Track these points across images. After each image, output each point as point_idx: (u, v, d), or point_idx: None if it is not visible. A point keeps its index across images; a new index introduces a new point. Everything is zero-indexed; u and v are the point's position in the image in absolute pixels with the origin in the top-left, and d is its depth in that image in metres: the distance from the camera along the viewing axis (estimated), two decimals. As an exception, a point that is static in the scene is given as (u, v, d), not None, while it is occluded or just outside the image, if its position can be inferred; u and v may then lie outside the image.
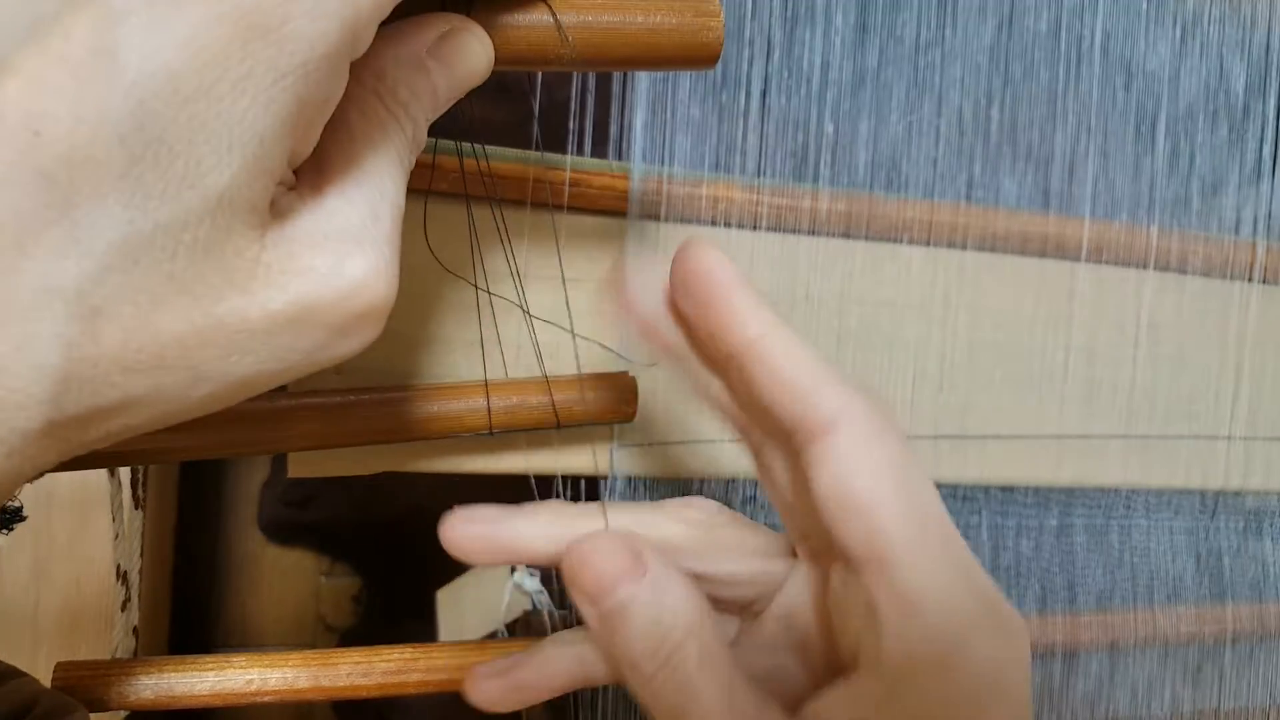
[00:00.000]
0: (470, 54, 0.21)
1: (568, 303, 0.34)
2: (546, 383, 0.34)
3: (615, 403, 0.34)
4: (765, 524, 0.28)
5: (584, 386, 0.34)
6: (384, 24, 0.20)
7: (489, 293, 0.34)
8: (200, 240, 0.16)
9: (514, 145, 0.34)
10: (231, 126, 0.16)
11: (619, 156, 0.35)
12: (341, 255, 0.18)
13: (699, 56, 0.24)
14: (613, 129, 0.35)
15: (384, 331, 0.20)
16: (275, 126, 0.16)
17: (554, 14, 0.23)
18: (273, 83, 0.16)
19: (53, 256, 0.15)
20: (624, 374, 0.35)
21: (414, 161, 0.21)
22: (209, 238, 0.16)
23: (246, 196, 0.16)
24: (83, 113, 0.14)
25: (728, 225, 0.37)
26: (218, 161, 0.16)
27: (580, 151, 0.34)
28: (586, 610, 0.23)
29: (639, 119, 0.35)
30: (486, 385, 0.33)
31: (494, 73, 0.23)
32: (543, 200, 0.34)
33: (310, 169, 0.19)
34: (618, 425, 0.36)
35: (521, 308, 0.34)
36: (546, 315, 0.35)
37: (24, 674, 0.28)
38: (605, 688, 0.36)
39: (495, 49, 0.22)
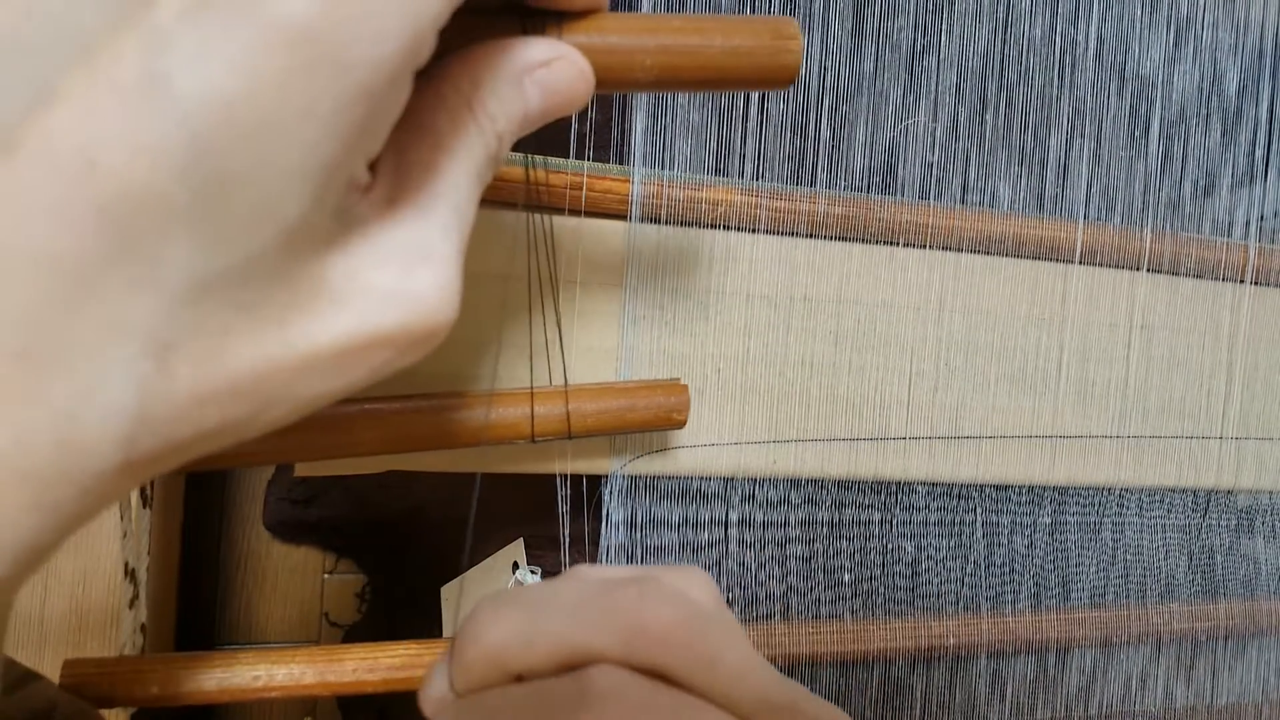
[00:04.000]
0: (571, 86, 0.21)
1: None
2: (601, 389, 0.34)
3: (668, 410, 0.34)
4: None
5: (638, 393, 0.34)
6: (471, 38, 0.20)
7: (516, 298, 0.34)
8: (269, 268, 0.15)
9: (516, 150, 0.34)
10: (297, 155, 0.15)
11: (620, 161, 0.36)
12: (409, 274, 0.18)
13: (776, 78, 0.24)
14: (614, 133, 0.36)
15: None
16: (341, 150, 0.15)
17: (633, 38, 0.22)
18: (337, 109, 0.15)
19: (120, 295, 0.14)
20: (676, 381, 0.35)
21: (490, 179, 0.20)
22: (277, 264, 0.15)
23: (314, 220, 0.16)
24: (139, 144, 0.13)
25: (727, 228, 0.37)
26: (284, 191, 0.15)
27: (581, 156, 0.35)
28: None
29: (639, 123, 0.35)
30: (566, 391, 0.33)
31: None
32: (545, 204, 0.34)
33: (389, 173, 0.18)
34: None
35: (557, 321, 0.35)
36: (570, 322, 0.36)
37: (41, 677, 0.28)
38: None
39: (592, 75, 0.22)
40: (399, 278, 0.17)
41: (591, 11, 0.22)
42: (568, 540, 0.36)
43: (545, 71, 0.20)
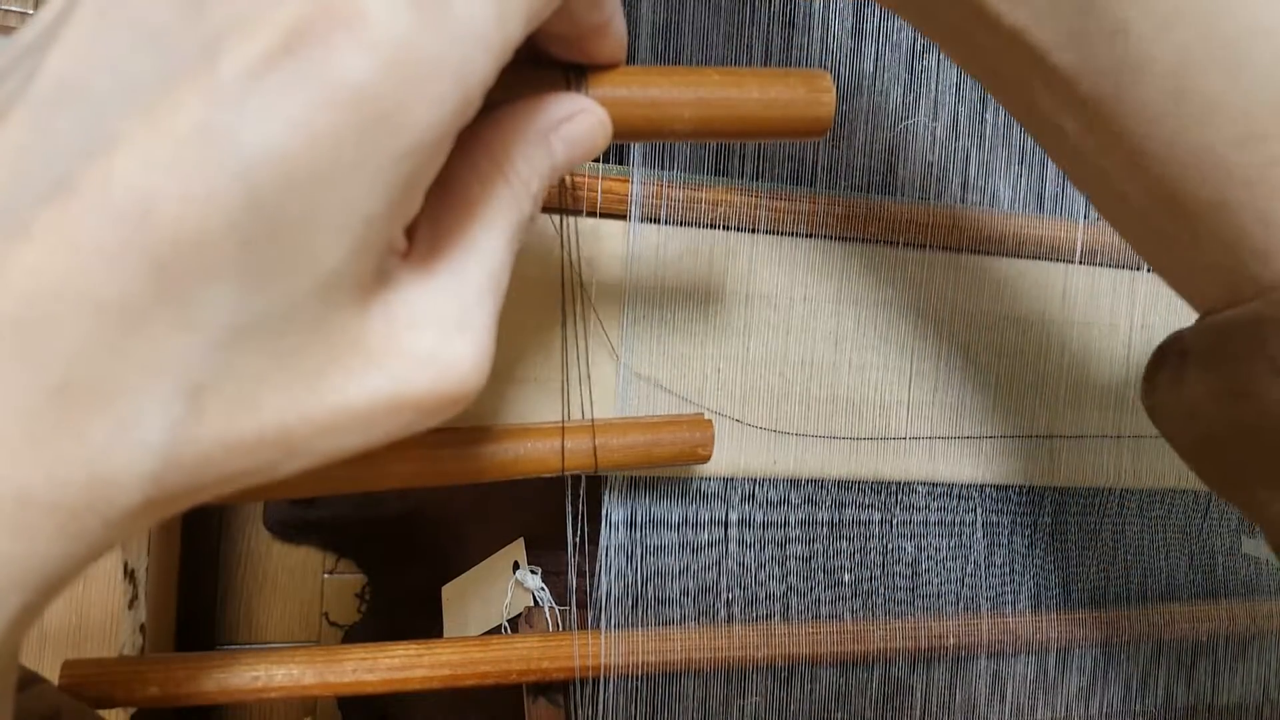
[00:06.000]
0: (591, 137, 0.21)
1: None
2: (628, 424, 0.34)
3: (693, 445, 0.34)
4: None
5: (663, 429, 0.34)
6: (509, 93, 0.20)
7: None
8: (307, 319, 0.16)
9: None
10: (344, 211, 0.15)
11: (619, 160, 0.36)
12: (442, 341, 0.18)
13: (811, 129, 0.24)
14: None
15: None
16: (387, 207, 0.16)
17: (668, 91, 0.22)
18: (388, 168, 0.15)
19: (159, 337, 0.14)
20: (700, 416, 0.35)
21: (521, 243, 0.20)
22: (315, 316, 0.16)
23: (355, 273, 0.16)
24: (193, 194, 0.14)
25: (727, 228, 0.37)
26: (329, 245, 0.15)
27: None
28: None
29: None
30: (598, 425, 0.33)
31: None
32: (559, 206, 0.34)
33: (425, 239, 0.19)
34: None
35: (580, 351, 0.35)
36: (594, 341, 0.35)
37: (43, 679, 0.28)
38: (606, 682, 0.37)
39: (612, 123, 0.22)
40: (435, 343, 0.18)
41: (614, 62, 0.22)
42: (579, 540, 0.37)
43: (569, 126, 0.21)
